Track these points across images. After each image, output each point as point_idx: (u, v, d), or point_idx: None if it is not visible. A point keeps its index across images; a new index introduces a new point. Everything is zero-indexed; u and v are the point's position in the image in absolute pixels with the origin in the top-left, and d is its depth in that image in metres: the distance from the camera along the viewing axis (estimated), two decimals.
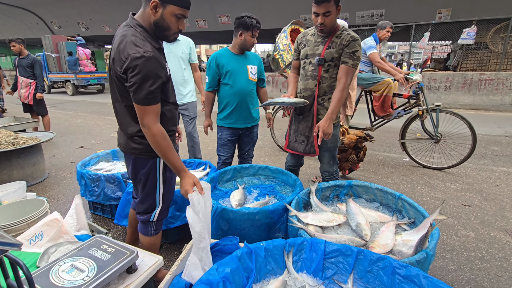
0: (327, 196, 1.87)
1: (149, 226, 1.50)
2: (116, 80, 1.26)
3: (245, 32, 2.17)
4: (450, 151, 3.72)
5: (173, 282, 1.16)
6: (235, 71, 2.26)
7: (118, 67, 1.20)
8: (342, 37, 1.80)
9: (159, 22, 1.23)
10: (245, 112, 2.35)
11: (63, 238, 1.43)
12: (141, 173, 1.42)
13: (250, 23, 2.12)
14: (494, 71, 8.41)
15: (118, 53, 1.19)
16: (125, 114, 1.34)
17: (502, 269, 1.76)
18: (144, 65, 1.15)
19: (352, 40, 1.78)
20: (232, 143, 2.46)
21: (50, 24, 19.40)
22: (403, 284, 1.05)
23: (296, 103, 1.90)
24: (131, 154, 1.40)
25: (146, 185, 1.43)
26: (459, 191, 2.86)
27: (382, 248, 1.35)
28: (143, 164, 1.40)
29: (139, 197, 1.48)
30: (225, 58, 2.27)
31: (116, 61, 1.21)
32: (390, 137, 5.02)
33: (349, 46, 1.78)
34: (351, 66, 1.79)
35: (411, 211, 1.58)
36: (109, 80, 1.36)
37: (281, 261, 1.24)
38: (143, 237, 1.54)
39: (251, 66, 2.32)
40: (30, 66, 4.47)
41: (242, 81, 2.28)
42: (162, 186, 1.45)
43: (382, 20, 4.12)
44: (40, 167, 3.20)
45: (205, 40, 16.87)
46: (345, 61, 1.80)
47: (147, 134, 1.25)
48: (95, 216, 2.45)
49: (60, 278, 1.04)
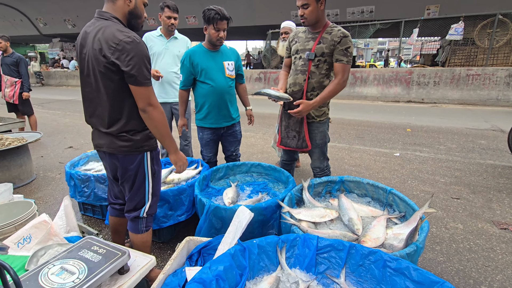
0: (319, 192, 1.88)
1: (139, 223, 1.50)
2: (103, 70, 1.24)
3: (208, 26, 2.06)
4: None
5: (166, 281, 1.15)
6: (210, 68, 2.15)
7: (109, 53, 1.20)
8: (333, 33, 1.82)
9: (134, 11, 1.33)
10: (224, 111, 2.27)
11: (52, 240, 1.41)
12: (130, 171, 1.41)
13: (209, 16, 1.99)
14: (481, 66, 8.60)
15: (104, 41, 1.20)
16: (112, 109, 1.32)
17: (489, 260, 1.81)
18: (138, 48, 1.21)
19: (344, 37, 1.79)
20: (214, 142, 2.40)
21: (35, 21, 18.88)
22: (394, 276, 1.07)
23: (280, 97, 1.91)
24: (119, 153, 1.38)
25: (135, 181, 1.43)
26: (448, 184, 2.92)
27: (374, 242, 1.37)
28: (131, 161, 1.39)
29: (128, 195, 1.47)
30: (199, 55, 2.15)
31: (104, 49, 1.20)
32: (381, 132, 5.09)
33: (341, 43, 1.79)
34: (346, 63, 1.82)
35: (402, 205, 1.61)
36: (85, 77, 1.32)
37: (274, 257, 1.24)
38: (134, 235, 1.53)
39: (227, 62, 2.21)
40: (15, 64, 4.35)
41: (219, 78, 2.18)
42: (151, 180, 1.46)
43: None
44: (27, 168, 3.13)
45: (196, 37, 16.67)
46: (339, 59, 1.82)
47: (153, 114, 1.30)
48: (85, 217, 2.41)
49: (49, 281, 1.02)
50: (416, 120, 6.08)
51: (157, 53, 2.77)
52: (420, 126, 5.48)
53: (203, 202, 1.64)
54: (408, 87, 8.76)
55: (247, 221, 1.31)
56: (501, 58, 9.09)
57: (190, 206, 1.93)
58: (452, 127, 5.39)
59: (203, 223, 1.63)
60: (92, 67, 1.26)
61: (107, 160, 1.46)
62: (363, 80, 9.45)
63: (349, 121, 6.00)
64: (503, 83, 7.70)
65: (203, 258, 1.32)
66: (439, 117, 6.40)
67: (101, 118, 1.36)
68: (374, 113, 6.88)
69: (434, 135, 4.85)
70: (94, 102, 1.35)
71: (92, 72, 1.27)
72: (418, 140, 4.55)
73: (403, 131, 5.15)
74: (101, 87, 1.28)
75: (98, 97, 1.33)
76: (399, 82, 8.88)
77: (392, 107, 7.96)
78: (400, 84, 8.87)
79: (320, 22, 1.85)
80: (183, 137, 3.00)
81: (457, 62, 9.82)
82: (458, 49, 9.63)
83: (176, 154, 1.47)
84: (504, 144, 4.23)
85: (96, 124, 1.39)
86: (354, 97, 9.46)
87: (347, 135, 4.97)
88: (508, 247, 1.92)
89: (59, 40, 20.83)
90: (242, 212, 1.36)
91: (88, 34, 1.27)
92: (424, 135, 4.87)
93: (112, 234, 1.73)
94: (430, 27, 9.49)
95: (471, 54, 9.51)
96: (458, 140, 4.50)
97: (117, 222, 1.66)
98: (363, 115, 6.68)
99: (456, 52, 9.72)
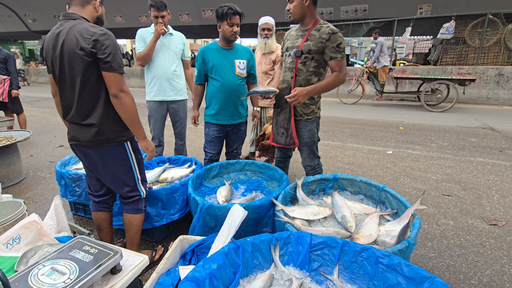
0: (313, 190, 1.89)
1: (139, 203, 1.63)
2: (80, 63, 1.33)
3: (221, 23, 2.11)
4: None
5: (159, 281, 1.14)
6: (220, 65, 2.21)
7: (85, 44, 1.30)
8: (322, 30, 1.81)
9: (100, 17, 1.51)
10: (232, 108, 2.30)
11: (42, 240, 1.38)
12: (114, 162, 1.50)
13: (222, 12, 2.06)
14: (472, 65, 8.73)
15: (79, 35, 1.31)
16: (87, 102, 1.40)
17: (478, 255, 1.85)
18: (111, 39, 1.35)
19: (332, 33, 1.78)
20: (219, 140, 2.42)
21: (24, 17, 18.44)
22: (386, 272, 1.08)
23: (267, 91, 1.94)
24: (102, 146, 1.46)
25: (121, 171, 1.53)
26: (439, 181, 2.97)
27: (367, 239, 1.38)
28: (114, 152, 1.48)
29: (116, 186, 1.58)
30: (212, 52, 2.21)
31: (80, 42, 1.31)
32: (374, 130, 5.14)
33: (331, 40, 1.78)
34: (340, 59, 1.81)
35: (394, 202, 1.63)
36: (60, 75, 1.40)
37: (268, 255, 1.24)
38: (133, 216, 1.63)
39: (239, 61, 2.25)
40: (3, 61, 4.24)
41: (228, 76, 2.22)
42: (137, 168, 1.58)
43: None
44: (16, 167, 3.07)
45: (190, 35, 16.56)
46: (333, 57, 1.81)
47: (125, 100, 1.40)
48: (77, 217, 2.38)
49: (39, 281, 1.00)
50: (409, 118, 6.15)
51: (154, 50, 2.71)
52: (412, 124, 5.54)
53: (196, 201, 1.63)
54: (401, 86, 8.85)
55: (241, 219, 1.31)
56: (491, 57, 9.25)
57: (183, 204, 1.92)
58: (444, 125, 5.47)
59: (196, 221, 1.62)
60: (68, 63, 1.35)
61: (84, 153, 1.51)
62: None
63: (343, 119, 6.04)
64: (493, 82, 7.84)
65: (197, 257, 1.32)
66: (431, 115, 6.49)
67: (77, 112, 1.43)
68: (367, 111, 6.94)
69: (426, 133, 4.92)
70: (70, 99, 1.43)
71: (68, 68, 1.36)
72: (410, 138, 4.61)
73: (395, 129, 5.21)
74: (77, 82, 1.36)
75: (73, 92, 1.40)
76: (392, 81, 8.95)
77: (385, 105, 8.04)
78: (394, 82, 8.94)
79: (308, 18, 1.85)
80: (179, 136, 2.97)
81: (448, 61, 9.95)
82: (450, 48, 9.76)
83: (145, 140, 1.57)
84: (494, 141, 4.32)
85: (73, 118, 1.46)
86: (347, 95, 9.51)
87: (341, 133, 5.00)
88: (497, 242, 1.96)
89: None
90: (236, 210, 1.36)
91: (59, 35, 1.36)
92: (416, 133, 4.93)
93: (98, 232, 1.76)
94: (423, 26, 9.59)
95: (463, 53, 9.65)
96: (449, 138, 4.57)
97: (99, 217, 1.71)
98: (357, 113, 6.73)
99: (447, 51, 9.85)
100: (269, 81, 2.95)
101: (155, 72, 2.70)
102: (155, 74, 2.70)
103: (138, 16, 15.52)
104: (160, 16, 2.57)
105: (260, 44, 2.91)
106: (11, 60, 4.29)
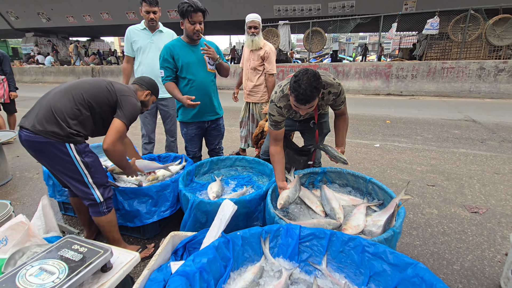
0: (302, 183, 1.93)
1: (99, 207, 1.60)
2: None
3: (183, 20, 2.04)
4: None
5: (151, 277, 1.15)
6: (191, 63, 2.12)
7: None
8: (325, 98, 1.70)
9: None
10: (208, 105, 2.26)
11: (30, 241, 1.36)
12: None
13: (182, 9, 1.98)
14: (455, 59, 8.97)
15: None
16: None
17: (461, 241, 1.93)
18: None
19: (336, 98, 1.69)
20: (199, 137, 2.40)
21: (6, 14, 17.76)
22: (372, 261, 1.12)
23: (337, 157, 1.75)
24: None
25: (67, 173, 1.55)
26: (424, 172, 3.06)
27: (354, 229, 1.43)
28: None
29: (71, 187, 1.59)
30: (180, 49, 2.10)
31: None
32: (362, 124, 5.23)
33: (337, 101, 1.73)
34: (343, 107, 1.79)
35: (380, 193, 1.68)
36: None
37: (258, 248, 1.27)
38: (99, 218, 1.61)
39: (208, 57, 2.17)
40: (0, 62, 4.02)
41: (200, 73, 2.15)
42: (87, 171, 1.56)
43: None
44: (2, 168, 2.98)
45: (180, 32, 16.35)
46: (339, 108, 1.79)
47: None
48: (66, 216, 2.34)
49: (27, 282, 1.00)
50: (395, 112, 6.28)
51: (142, 48, 2.66)
52: (399, 118, 5.67)
53: (187, 197, 1.64)
54: (387, 80, 9.02)
55: (231, 213, 1.33)
56: (473, 52, 9.53)
57: (174, 201, 1.92)
58: (429, 118, 5.62)
59: (187, 218, 1.63)
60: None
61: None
62: (345, 74, 9.62)
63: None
64: (475, 75, 8.08)
65: (188, 253, 1.33)
66: (417, 109, 6.65)
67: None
68: (355, 106, 7.04)
69: (412, 126, 5.04)
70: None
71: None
72: (397, 131, 4.71)
73: (383, 123, 5.31)
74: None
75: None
76: (379, 76, 9.11)
77: (373, 99, 8.17)
78: (380, 77, 9.11)
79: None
80: (169, 133, 2.95)
81: (433, 55, 10.20)
82: (434, 43, 10.00)
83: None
84: (475, 133, 4.47)
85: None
86: None
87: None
88: (478, 229, 2.05)
89: (33, 35, 19.70)
90: (226, 205, 1.37)
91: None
92: (402, 126, 5.05)
93: (77, 214, 1.85)
94: (408, 21, 9.78)
95: (446, 48, 9.90)
96: (434, 131, 4.70)
97: (77, 201, 1.78)
98: None
99: (432, 46, 10.09)
100: (258, 76, 2.97)
101: (144, 70, 2.68)
102: (144, 71, 2.67)
103: (125, 13, 15.18)
104: (152, 12, 2.53)
105: (248, 42, 2.91)
106: (6, 60, 4.06)
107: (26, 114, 1.51)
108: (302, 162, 2.09)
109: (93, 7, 15.44)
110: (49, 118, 1.44)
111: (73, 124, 1.48)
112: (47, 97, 1.52)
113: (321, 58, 18.80)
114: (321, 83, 1.45)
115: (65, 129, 1.45)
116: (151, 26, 2.64)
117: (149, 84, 1.87)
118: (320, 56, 18.76)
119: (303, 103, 1.43)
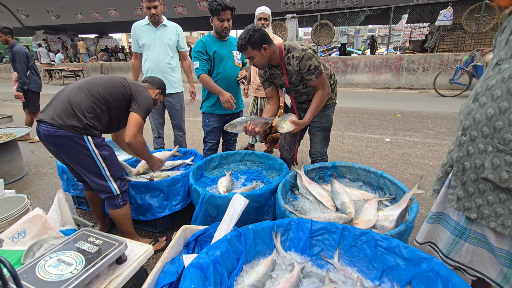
0: (312, 178, 1.92)
1: (115, 199, 1.64)
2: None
3: (212, 17, 2.16)
4: None
5: (164, 269, 1.17)
6: (223, 57, 2.26)
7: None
8: (291, 63, 1.77)
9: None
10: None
11: (47, 234, 1.40)
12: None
13: (211, 7, 2.10)
14: (469, 51, 8.69)
15: None
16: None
17: None
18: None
19: (299, 62, 1.73)
20: (219, 130, 2.47)
21: (17, 12, 18.08)
22: (385, 255, 1.12)
23: (266, 121, 1.97)
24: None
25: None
26: (436, 167, 3.00)
27: (366, 224, 1.41)
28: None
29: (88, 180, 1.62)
30: (212, 44, 2.25)
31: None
32: (372, 118, 5.16)
33: (302, 68, 1.75)
34: (316, 78, 1.77)
35: (392, 188, 1.66)
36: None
37: (269, 242, 1.27)
38: (114, 211, 1.66)
39: (236, 52, 2.33)
40: (12, 59, 3.99)
41: (229, 67, 2.29)
42: (104, 164, 1.59)
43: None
44: (18, 164, 3.07)
45: (185, 27, 16.29)
46: (310, 79, 1.79)
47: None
48: (80, 210, 2.40)
49: (47, 272, 1.03)
50: (406, 106, 6.17)
51: (147, 44, 2.66)
52: (409, 112, 5.56)
53: (198, 191, 1.65)
54: (398, 74, 8.84)
55: (242, 207, 1.33)
56: (488, 43, 9.20)
57: (185, 195, 1.95)
58: (441, 111, 5.49)
59: (198, 211, 1.64)
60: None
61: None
62: (353, 67, 9.47)
63: (341, 108, 6.04)
64: None
65: (200, 246, 1.34)
66: (428, 102, 6.51)
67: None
68: (365, 100, 6.94)
69: (423, 120, 4.94)
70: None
71: None
72: (408, 125, 4.63)
73: (393, 117, 5.23)
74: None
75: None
76: (389, 69, 8.94)
77: (383, 93, 8.04)
78: (390, 70, 8.93)
79: (274, 58, 1.80)
80: (177, 128, 2.97)
81: (445, 47, 9.91)
82: (447, 35, 9.71)
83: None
84: None
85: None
86: (345, 84, 9.49)
87: (339, 122, 5.01)
88: None
89: (43, 32, 20.04)
90: (237, 200, 1.38)
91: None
92: (413, 120, 4.96)
93: (92, 208, 1.90)
94: (419, 12, 9.50)
95: (459, 40, 9.60)
96: (446, 124, 4.60)
97: (91, 195, 1.82)
98: (355, 102, 6.73)
99: (444, 37, 9.80)
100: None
101: (149, 65, 2.69)
102: (149, 67, 2.69)
103: (132, 9, 15.26)
104: (152, 7, 2.53)
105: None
106: (17, 57, 3.96)
107: (43, 109, 1.55)
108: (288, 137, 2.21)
109: (101, 4, 15.58)
110: (68, 112, 1.48)
111: (89, 117, 1.52)
112: (64, 92, 1.56)
113: (329, 51, 18.52)
114: (257, 35, 1.65)
115: (83, 121, 1.49)
116: (154, 21, 2.62)
117: (159, 84, 1.95)
118: (328, 49, 18.47)
119: (240, 50, 1.73)
